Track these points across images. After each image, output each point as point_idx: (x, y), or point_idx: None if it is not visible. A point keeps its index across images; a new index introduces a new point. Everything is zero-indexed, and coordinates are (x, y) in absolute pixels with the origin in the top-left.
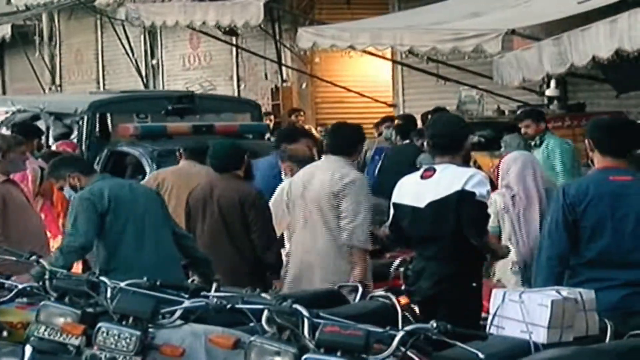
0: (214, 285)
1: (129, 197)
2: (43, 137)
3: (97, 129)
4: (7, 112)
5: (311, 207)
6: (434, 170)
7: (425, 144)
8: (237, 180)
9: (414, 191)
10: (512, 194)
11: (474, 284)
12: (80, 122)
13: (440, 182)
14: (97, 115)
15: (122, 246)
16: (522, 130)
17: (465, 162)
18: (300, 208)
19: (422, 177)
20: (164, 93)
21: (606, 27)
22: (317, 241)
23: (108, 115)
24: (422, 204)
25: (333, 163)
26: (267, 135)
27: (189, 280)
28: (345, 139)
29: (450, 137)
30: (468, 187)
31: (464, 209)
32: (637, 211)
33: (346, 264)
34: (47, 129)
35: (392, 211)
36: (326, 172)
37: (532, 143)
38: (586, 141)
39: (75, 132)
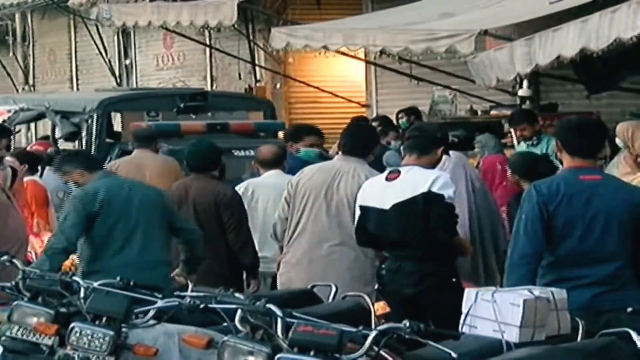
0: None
1: (123, 199)
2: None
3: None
4: (9, 111)
5: (340, 209)
6: (399, 172)
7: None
8: (212, 180)
9: (379, 193)
10: None
11: (454, 280)
12: (90, 121)
13: (405, 184)
14: (107, 114)
15: (107, 250)
16: (518, 133)
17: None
18: (321, 210)
19: (387, 179)
20: (176, 90)
21: (577, 27)
22: (350, 243)
23: (118, 113)
24: (386, 205)
25: (357, 165)
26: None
27: None
28: (362, 140)
29: (421, 138)
30: (435, 189)
31: (435, 211)
32: (607, 210)
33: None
34: (53, 127)
35: (357, 214)
36: (354, 175)
37: (529, 143)
38: (554, 142)
39: (84, 131)
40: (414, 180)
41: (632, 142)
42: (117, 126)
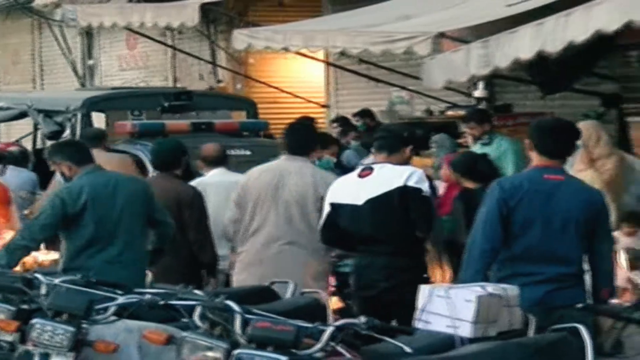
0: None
1: (108, 197)
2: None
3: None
4: None
5: (288, 208)
6: (372, 169)
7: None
8: (174, 179)
9: (352, 190)
10: None
11: (425, 275)
12: (73, 120)
13: (379, 179)
14: (91, 113)
15: (89, 248)
16: (469, 132)
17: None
18: (270, 210)
19: (359, 176)
20: (160, 90)
21: (533, 30)
22: (300, 241)
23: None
24: (360, 201)
25: (302, 164)
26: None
27: None
28: (304, 140)
29: (389, 138)
30: (411, 184)
31: (414, 206)
32: (565, 210)
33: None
34: (35, 126)
35: (326, 211)
36: (302, 174)
37: (482, 142)
38: (526, 140)
39: (68, 130)
40: (388, 175)
41: (589, 142)
42: (99, 125)
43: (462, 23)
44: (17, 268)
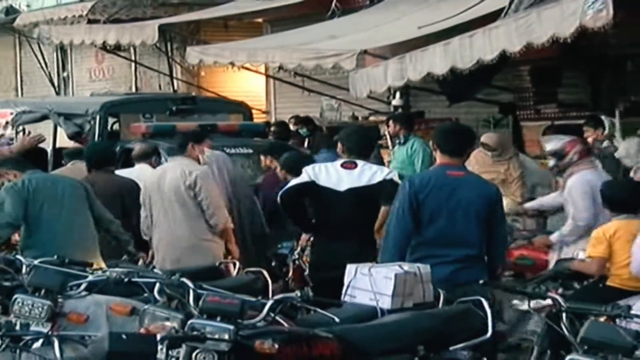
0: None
1: (48, 188)
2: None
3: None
4: (11, 113)
5: (170, 201)
6: (355, 163)
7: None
8: (112, 174)
9: (335, 177)
10: None
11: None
12: (92, 122)
13: (364, 173)
14: (108, 116)
15: (39, 228)
16: (391, 129)
17: None
18: (156, 204)
19: (342, 166)
20: (168, 95)
21: (441, 49)
22: (180, 228)
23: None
24: (341, 188)
25: (182, 161)
26: None
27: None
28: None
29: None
30: (388, 177)
31: (386, 188)
32: (466, 201)
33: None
34: (55, 128)
35: (303, 179)
36: (175, 169)
37: (397, 141)
38: (431, 142)
39: (87, 131)
40: (372, 171)
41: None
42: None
43: (381, 42)
44: None
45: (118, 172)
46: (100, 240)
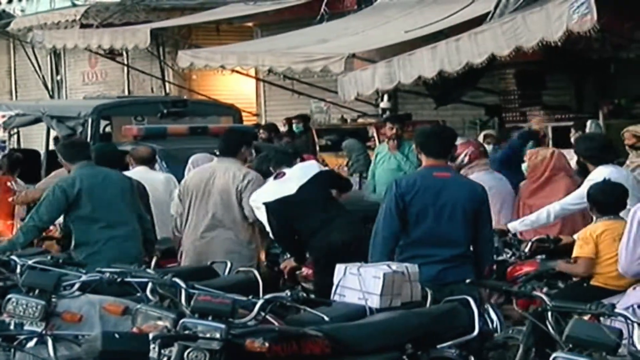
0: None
1: (100, 185)
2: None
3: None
4: (4, 116)
5: (216, 202)
6: (283, 172)
7: None
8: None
9: (276, 188)
10: None
11: None
12: (85, 125)
13: (303, 171)
14: (100, 118)
15: (92, 226)
16: (388, 131)
17: None
18: (202, 203)
19: (275, 178)
20: (159, 98)
21: (429, 53)
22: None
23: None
24: (292, 191)
25: (229, 164)
26: None
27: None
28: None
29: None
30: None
31: (332, 179)
32: (453, 202)
33: None
34: (48, 130)
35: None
36: (226, 172)
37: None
38: (413, 146)
39: (80, 134)
40: (304, 169)
41: None
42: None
43: (369, 46)
44: None
45: None
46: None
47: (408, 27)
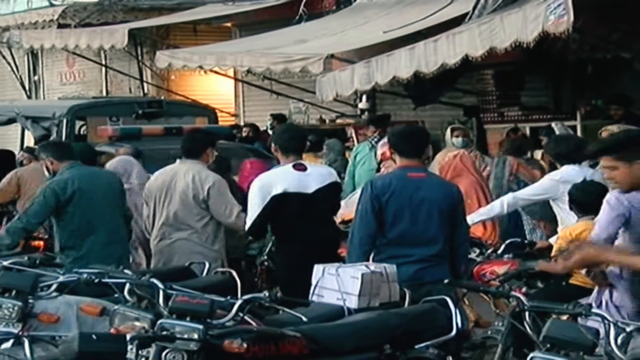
0: None
1: (90, 188)
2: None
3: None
4: None
5: (176, 204)
6: (304, 165)
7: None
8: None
9: (296, 181)
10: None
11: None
12: (60, 125)
13: (316, 174)
14: (75, 119)
15: (79, 229)
16: (368, 133)
17: None
18: (164, 205)
19: (295, 169)
20: (135, 99)
21: (407, 53)
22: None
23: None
24: (309, 190)
25: (191, 166)
26: None
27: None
28: (197, 144)
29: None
30: (338, 180)
31: (338, 194)
32: (429, 201)
33: None
34: (23, 131)
35: (266, 201)
36: (186, 174)
37: (371, 144)
38: (386, 147)
39: (55, 134)
40: (321, 171)
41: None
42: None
43: (347, 46)
44: None
45: None
46: None
47: (387, 28)
